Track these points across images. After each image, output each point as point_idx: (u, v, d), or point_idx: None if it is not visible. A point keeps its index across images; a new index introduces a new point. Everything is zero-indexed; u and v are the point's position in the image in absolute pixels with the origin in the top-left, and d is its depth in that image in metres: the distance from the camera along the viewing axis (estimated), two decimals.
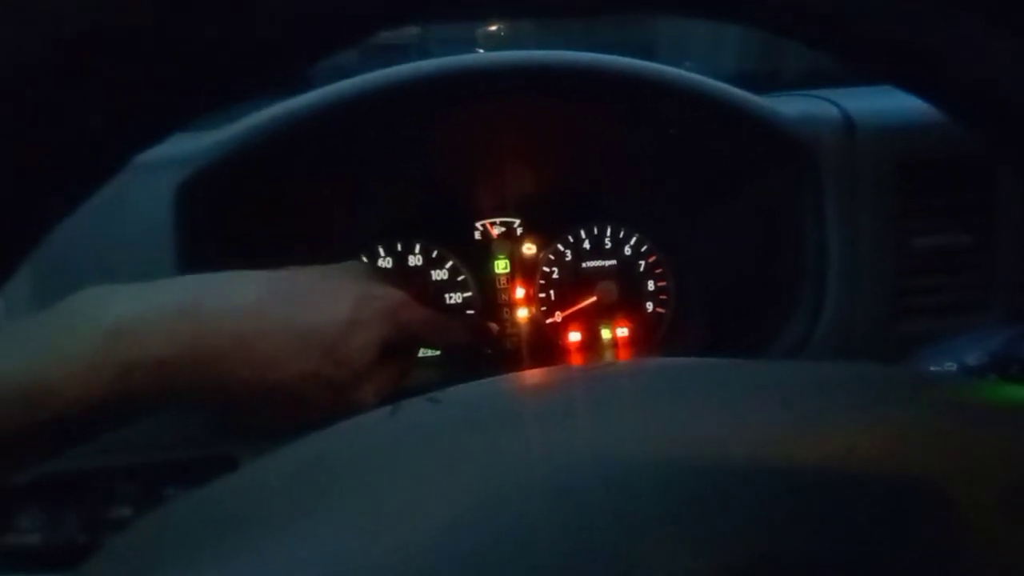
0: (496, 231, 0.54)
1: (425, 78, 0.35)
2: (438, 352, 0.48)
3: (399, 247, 0.52)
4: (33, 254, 0.12)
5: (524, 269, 0.54)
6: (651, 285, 0.54)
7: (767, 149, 0.39)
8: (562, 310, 0.53)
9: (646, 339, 0.54)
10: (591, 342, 0.54)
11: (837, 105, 0.38)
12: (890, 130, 0.37)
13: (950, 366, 0.29)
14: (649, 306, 0.54)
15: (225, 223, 0.35)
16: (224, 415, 0.27)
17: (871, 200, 0.37)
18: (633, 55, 0.37)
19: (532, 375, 0.21)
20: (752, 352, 0.42)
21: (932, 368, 0.29)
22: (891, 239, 0.37)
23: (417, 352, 0.35)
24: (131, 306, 0.23)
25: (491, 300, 0.53)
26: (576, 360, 0.51)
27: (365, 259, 0.51)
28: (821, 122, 0.37)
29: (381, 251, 0.52)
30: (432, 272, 0.52)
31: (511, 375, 0.21)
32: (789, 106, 0.38)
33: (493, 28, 0.68)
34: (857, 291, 0.37)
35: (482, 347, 0.51)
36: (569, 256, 0.54)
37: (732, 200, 0.46)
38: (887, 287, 0.37)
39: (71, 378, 0.21)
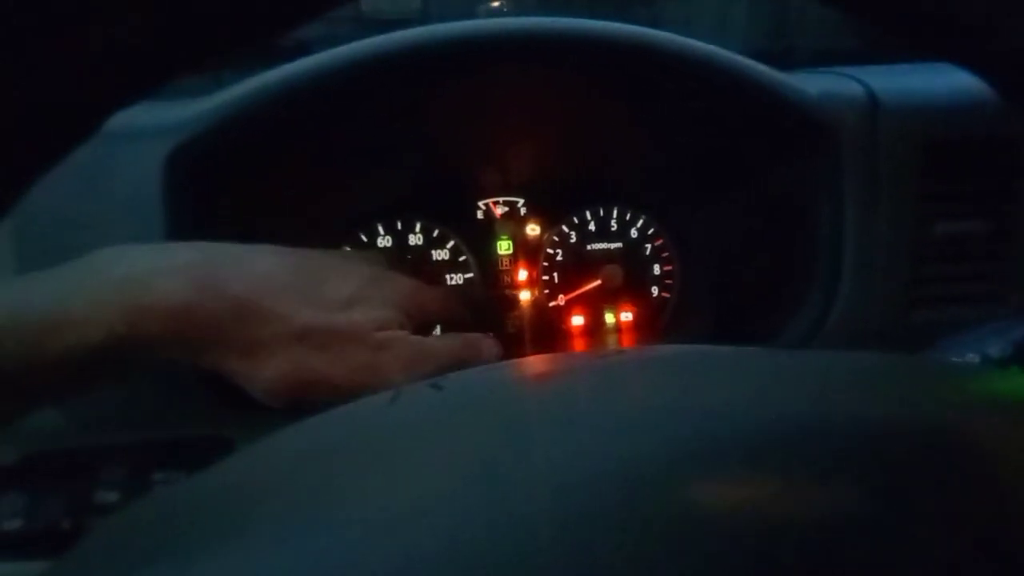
0: (499, 211, 0.52)
1: (424, 44, 0.33)
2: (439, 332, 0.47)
3: (399, 225, 0.50)
4: (10, 213, 0.12)
5: (527, 251, 0.52)
6: (657, 269, 0.53)
7: (786, 128, 0.37)
8: (565, 293, 0.52)
9: (650, 324, 0.53)
10: (594, 326, 0.53)
11: (861, 82, 0.36)
12: (915, 110, 0.35)
13: (972, 357, 0.27)
14: (654, 291, 0.53)
15: (216, 195, 0.33)
16: (222, 383, 0.26)
17: (893, 183, 0.35)
18: None
19: (537, 362, 0.20)
20: (760, 341, 0.41)
21: (954, 359, 0.28)
22: (911, 225, 0.36)
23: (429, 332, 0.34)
24: (145, 259, 0.24)
25: (493, 282, 0.51)
26: (579, 345, 0.50)
27: (364, 237, 0.50)
28: (844, 100, 0.35)
29: (380, 229, 0.50)
30: (433, 252, 0.51)
31: (515, 361, 0.20)
32: (810, 83, 0.36)
33: (496, 3, 0.66)
34: (872, 279, 0.36)
35: (485, 328, 0.50)
36: (574, 238, 0.52)
37: (745, 182, 0.44)
38: (904, 275, 0.36)
39: (82, 314, 0.22)
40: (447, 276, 0.51)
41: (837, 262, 0.37)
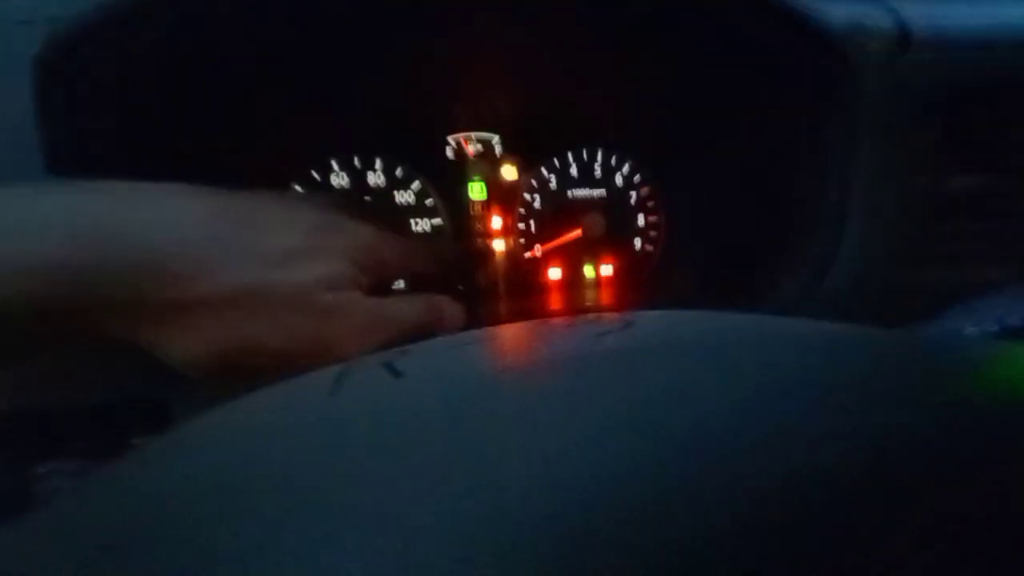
0: (472, 149, 0.47)
1: None
2: (402, 285, 0.43)
3: (356, 162, 0.44)
4: None
5: (502, 195, 0.47)
6: (641, 220, 0.49)
7: (802, 61, 0.32)
8: (543, 243, 0.48)
9: (631, 279, 0.49)
10: (572, 279, 0.49)
11: (891, 11, 0.32)
12: (948, 48, 0.31)
13: (990, 326, 0.25)
14: (637, 243, 0.49)
15: (111, 111, 0.27)
16: (146, 347, 0.21)
17: (913, 129, 0.32)
18: None
19: (520, 339, 0.16)
20: (751, 300, 0.38)
21: (972, 328, 0.25)
22: (927, 176, 0.32)
23: (388, 287, 0.29)
24: (8, 209, 0.19)
25: (463, 229, 0.47)
26: (555, 300, 0.46)
27: (316, 175, 0.44)
28: (872, 33, 0.31)
29: (335, 166, 0.44)
30: (396, 194, 0.45)
31: (492, 336, 0.16)
32: (835, 10, 0.31)
33: None
34: (879, 233, 0.33)
35: (453, 281, 0.45)
36: (554, 183, 0.48)
37: (746, 123, 0.40)
38: (915, 230, 0.33)
39: None
40: (412, 222, 0.46)
41: (842, 213, 0.33)
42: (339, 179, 0.44)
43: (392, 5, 0.33)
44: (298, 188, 0.43)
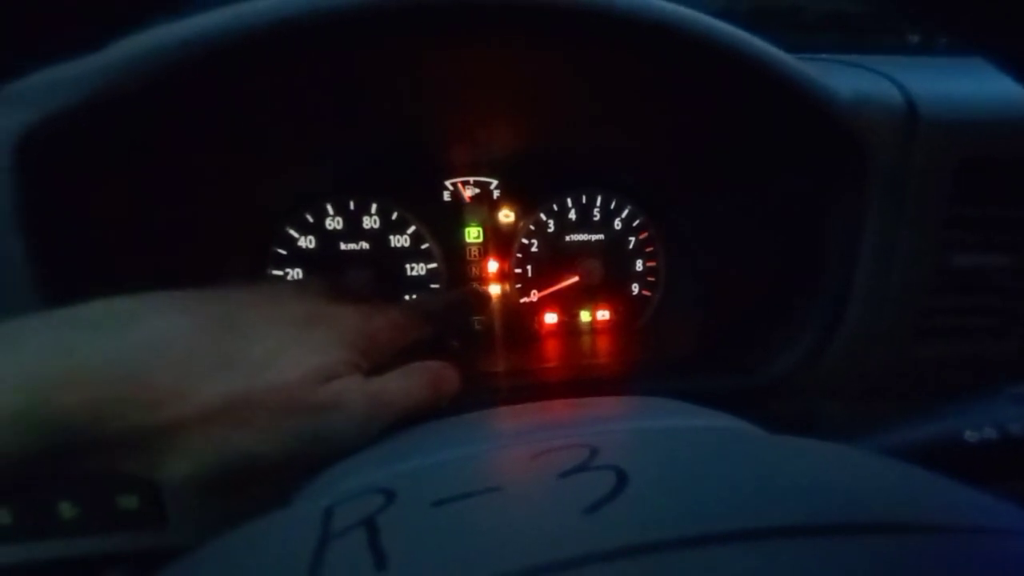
0: (469, 193, 0.46)
1: (384, 5, 0.26)
2: None
3: (351, 206, 0.44)
4: None
5: (499, 240, 0.46)
6: (639, 265, 0.48)
7: (809, 131, 0.32)
8: (539, 289, 0.47)
9: (627, 325, 0.49)
10: (568, 325, 0.48)
11: (896, 84, 0.31)
12: (956, 124, 0.30)
13: (990, 432, 0.25)
14: (635, 288, 0.49)
15: (96, 188, 0.26)
16: (138, 473, 0.20)
17: (920, 205, 0.31)
18: None
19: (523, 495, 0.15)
20: (747, 362, 0.37)
21: (971, 433, 0.25)
22: (932, 252, 0.32)
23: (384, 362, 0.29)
24: (26, 353, 0.18)
25: (459, 274, 0.46)
26: (550, 348, 0.46)
27: (309, 217, 0.43)
28: (879, 107, 0.30)
29: (330, 209, 0.43)
30: (391, 238, 0.45)
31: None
32: (841, 79, 0.30)
33: None
34: (882, 307, 0.32)
35: (449, 331, 0.45)
36: (551, 227, 0.47)
37: (750, 180, 0.39)
38: (917, 304, 0.32)
39: None
40: (407, 266, 0.45)
41: (845, 284, 0.33)
42: (333, 223, 0.44)
43: (391, 51, 0.32)
44: (280, 251, 0.42)
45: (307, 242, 0.43)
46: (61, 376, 0.18)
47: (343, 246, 0.44)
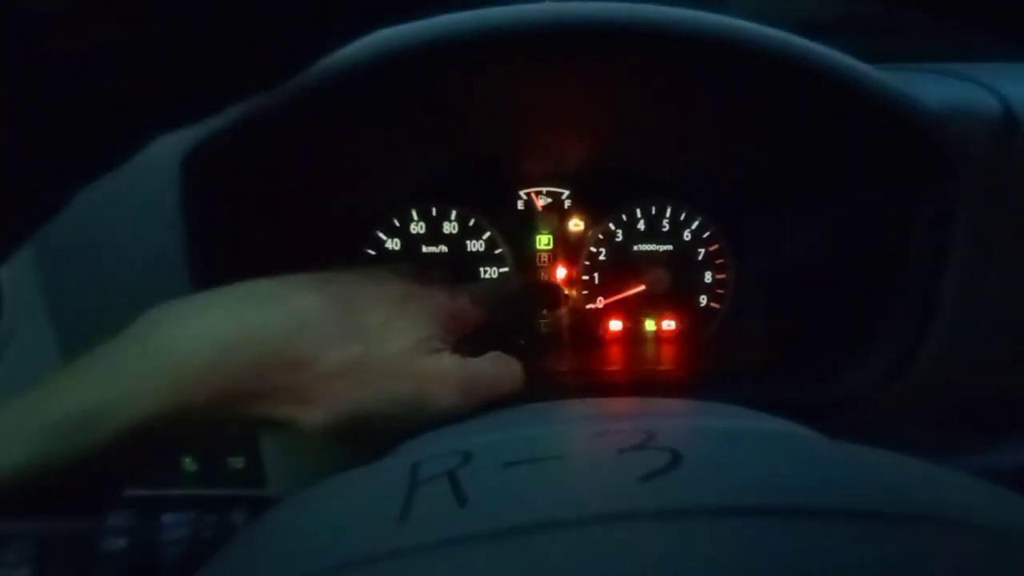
0: (541, 202, 0.49)
1: (471, 32, 0.29)
2: None
3: (433, 212, 0.48)
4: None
5: (569, 247, 0.49)
6: (708, 277, 0.48)
7: (890, 146, 0.31)
8: (605, 296, 0.49)
9: (693, 335, 0.49)
10: (633, 333, 0.49)
11: (995, 92, 0.30)
12: None
13: None
14: (702, 300, 0.49)
15: (241, 194, 0.31)
16: (279, 423, 0.25)
17: (1016, 219, 0.30)
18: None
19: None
20: (817, 376, 0.37)
21: None
22: None
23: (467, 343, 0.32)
24: (183, 325, 0.23)
25: (529, 278, 0.48)
26: (614, 354, 0.47)
27: (396, 222, 0.47)
28: (971, 117, 0.29)
29: (414, 215, 0.48)
30: (468, 242, 0.48)
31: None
32: (929, 90, 0.30)
33: None
34: (970, 333, 0.31)
35: (516, 329, 0.47)
36: (620, 236, 0.48)
37: (828, 195, 0.38)
38: (1008, 333, 0.31)
39: (126, 399, 0.21)
40: (480, 269, 0.48)
41: (930, 307, 0.32)
42: (417, 227, 0.48)
43: (493, 73, 0.35)
44: (379, 235, 0.47)
45: (393, 244, 0.48)
46: (238, 339, 0.22)
47: (424, 248, 0.47)
